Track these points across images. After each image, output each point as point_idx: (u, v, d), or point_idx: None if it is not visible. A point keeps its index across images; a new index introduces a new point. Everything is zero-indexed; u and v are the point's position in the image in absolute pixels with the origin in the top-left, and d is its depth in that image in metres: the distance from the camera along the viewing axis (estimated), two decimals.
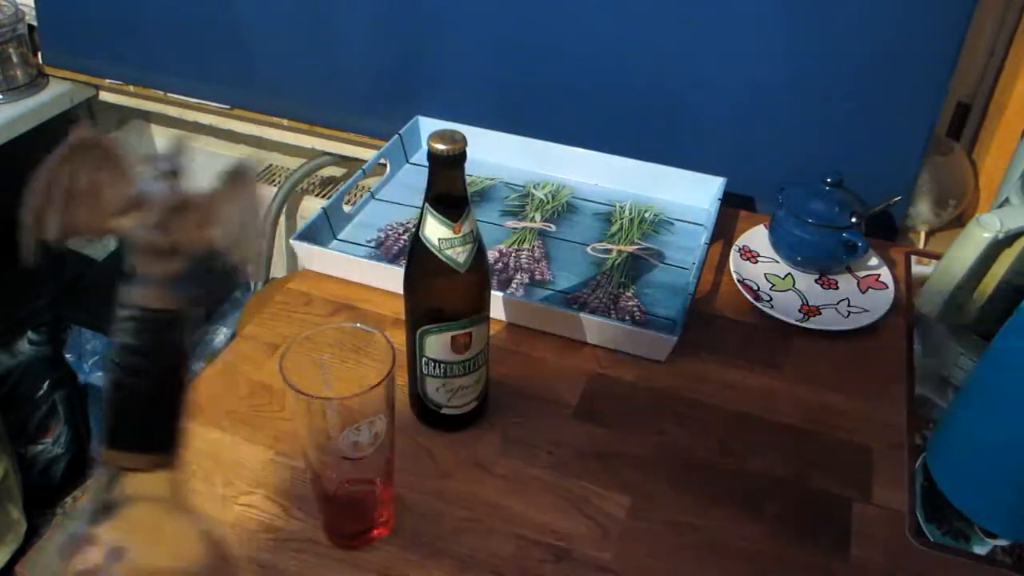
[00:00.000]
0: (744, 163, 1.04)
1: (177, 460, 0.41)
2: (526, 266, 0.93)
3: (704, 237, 0.93)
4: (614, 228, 0.99)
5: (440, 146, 0.59)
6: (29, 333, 1.51)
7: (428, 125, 1.11)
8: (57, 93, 1.37)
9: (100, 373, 1.50)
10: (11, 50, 1.31)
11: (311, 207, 1.42)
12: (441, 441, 0.73)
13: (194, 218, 0.41)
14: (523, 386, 0.79)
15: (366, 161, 1.02)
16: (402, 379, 0.75)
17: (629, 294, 0.89)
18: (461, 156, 0.60)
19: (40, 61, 1.38)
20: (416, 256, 0.65)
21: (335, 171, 1.42)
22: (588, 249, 0.96)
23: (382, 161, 1.05)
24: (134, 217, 0.40)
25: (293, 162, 1.45)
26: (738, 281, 0.90)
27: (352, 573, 0.63)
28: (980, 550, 0.66)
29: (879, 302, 0.89)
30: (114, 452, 0.39)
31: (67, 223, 0.40)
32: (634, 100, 1.08)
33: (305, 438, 0.57)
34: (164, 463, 0.40)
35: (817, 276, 0.93)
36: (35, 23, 1.35)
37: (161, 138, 1.60)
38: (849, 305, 0.89)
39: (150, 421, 0.40)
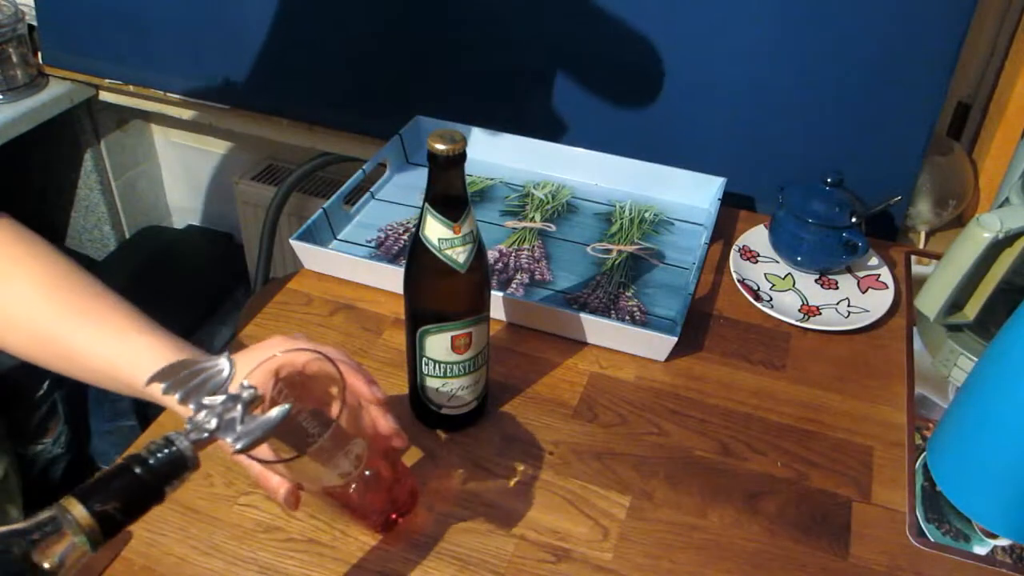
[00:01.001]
0: (744, 163, 1.04)
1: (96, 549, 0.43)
2: (526, 266, 0.93)
3: (704, 237, 0.93)
4: (614, 228, 0.99)
5: (440, 146, 0.59)
6: None
7: (428, 125, 1.11)
8: (57, 93, 1.37)
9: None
10: (11, 50, 1.31)
11: (311, 207, 1.42)
12: (441, 441, 0.73)
13: None
14: (523, 386, 0.79)
15: (366, 161, 1.02)
16: (402, 379, 0.75)
17: (629, 294, 0.89)
18: (461, 156, 0.60)
19: (40, 61, 1.38)
20: (416, 256, 0.65)
21: (335, 171, 1.42)
22: (588, 249, 0.96)
23: (382, 161, 1.05)
24: None
25: (293, 162, 1.45)
26: (738, 281, 0.90)
27: (352, 573, 0.63)
28: (980, 550, 0.66)
29: (879, 302, 0.89)
30: (76, 501, 0.42)
31: None
32: (634, 100, 1.08)
33: (297, 481, 0.56)
34: (97, 542, 0.42)
35: (817, 276, 0.93)
36: (35, 23, 1.35)
37: None
38: (849, 305, 0.89)
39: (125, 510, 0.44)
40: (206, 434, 0.46)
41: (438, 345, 0.67)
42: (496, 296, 0.84)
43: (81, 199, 1.60)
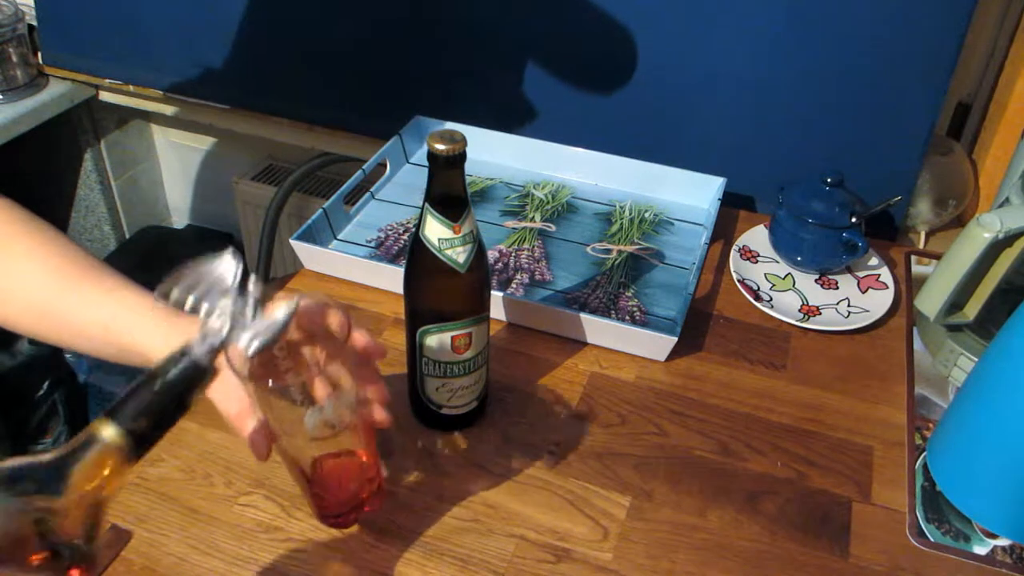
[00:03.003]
0: (744, 163, 1.04)
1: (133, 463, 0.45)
2: (526, 266, 0.93)
3: (704, 237, 0.93)
4: (614, 228, 0.99)
5: (440, 146, 0.59)
6: None
7: (428, 125, 1.11)
8: (57, 93, 1.37)
9: (100, 373, 1.50)
10: (11, 50, 1.31)
11: (311, 207, 1.42)
12: (441, 441, 0.73)
13: None
14: (523, 386, 0.79)
15: (366, 161, 1.02)
16: (402, 379, 0.75)
17: (629, 294, 0.89)
18: (461, 156, 0.60)
19: (40, 61, 1.38)
20: (416, 256, 0.65)
21: (335, 171, 1.42)
22: (588, 249, 0.96)
23: (382, 161, 1.05)
24: None
25: (293, 162, 1.45)
26: (738, 281, 0.90)
27: (352, 573, 0.63)
28: (980, 550, 0.66)
29: (879, 302, 0.89)
30: (107, 422, 0.44)
31: None
32: (634, 100, 1.08)
33: (274, 428, 0.56)
34: (131, 459, 0.45)
35: (817, 276, 0.93)
36: (35, 23, 1.35)
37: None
38: (849, 305, 0.89)
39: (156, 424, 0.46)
40: (219, 340, 0.47)
41: (438, 345, 0.67)
42: (496, 296, 0.84)
43: (81, 199, 1.60)
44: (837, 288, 0.92)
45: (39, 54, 1.37)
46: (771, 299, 0.89)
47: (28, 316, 0.63)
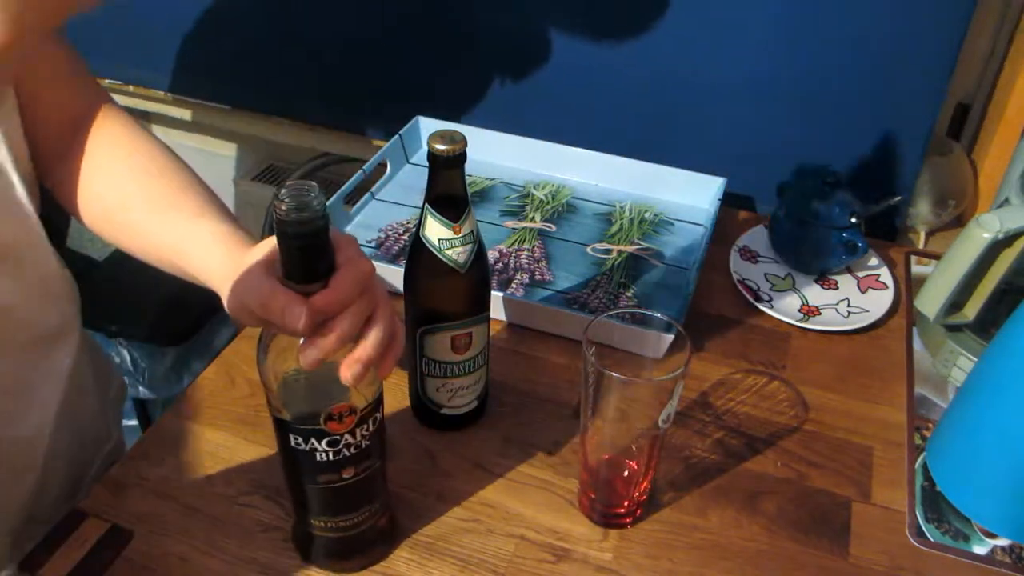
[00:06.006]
0: (744, 163, 1.04)
1: None
2: (526, 266, 0.93)
3: (704, 237, 0.93)
4: (614, 228, 0.99)
5: (440, 146, 0.59)
6: None
7: (428, 125, 1.11)
8: None
9: None
10: None
11: None
12: (441, 441, 0.73)
13: None
14: (523, 386, 0.79)
15: (366, 161, 1.02)
16: (402, 379, 0.75)
17: (629, 294, 0.89)
18: (461, 156, 0.60)
19: None
20: (416, 256, 0.65)
21: (335, 171, 1.42)
22: (588, 249, 0.96)
23: (382, 161, 1.05)
24: None
25: (293, 162, 1.45)
26: (738, 281, 0.90)
27: (351, 573, 0.63)
28: (980, 550, 0.66)
29: (879, 302, 0.89)
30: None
31: None
32: (634, 100, 1.08)
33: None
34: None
35: (817, 276, 0.94)
36: None
37: None
38: (849, 305, 0.89)
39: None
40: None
41: (438, 345, 0.67)
42: (496, 296, 0.84)
43: None
44: (837, 288, 0.92)
45: None
46: (771, 299, 0.89)
47: (109, 223, 0.65)
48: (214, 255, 0.57)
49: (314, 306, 0.47)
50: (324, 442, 0.53)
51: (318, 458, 0.53)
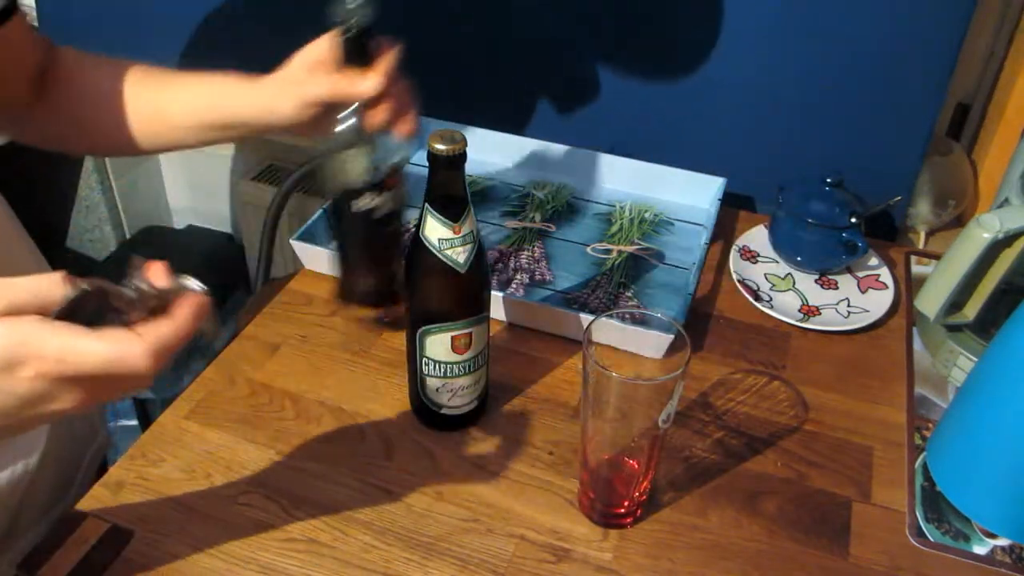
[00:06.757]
0: (744, 163, 1.04)
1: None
2: (526, 266, 0.93)
3: (704, 237, 0.93)
4: (614, 228, 0.99)
5: (440, 146, 0.59)
6: None
7: (428, 125, 1.11)
8: None
9: None
10: None
11: (311, 207, 1.42)
12: (441, 441, 0.73)
13: None
14: (523, 386, 0.79)
15: None
16: (402, 379, 0.75)
17: (629, 294, 0.89)
18: (461, 156, 0.60)
19: None
20: (416, 256, 0.65)
21: None
22: (588, 249, 0.96)
23: None
24: None
25: (293, 162, 1.45)
26: (738, 281, 0.90)
27: (352, 573, 0.63)
28: (980, 550, 0.66)
29: (879, 302, 0.89)
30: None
31: None
32: (634, 100, 1.08)
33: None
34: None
35: (817, 276, 0.94)
36: (35, 23, 1.35)
37: None
38: (849, 305, 0.89)
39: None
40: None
41: (438, 345, 0.67)
42: (496, 296, 0.84)
43: (81, 199, 1.60)
44: (837, 288, 0.92)
45: None
46: (771, 299, 0.89)
47: (129, 124, 0.70)
48: (251, 85, 0.72)
49: (383, 70, 0.67)
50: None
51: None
